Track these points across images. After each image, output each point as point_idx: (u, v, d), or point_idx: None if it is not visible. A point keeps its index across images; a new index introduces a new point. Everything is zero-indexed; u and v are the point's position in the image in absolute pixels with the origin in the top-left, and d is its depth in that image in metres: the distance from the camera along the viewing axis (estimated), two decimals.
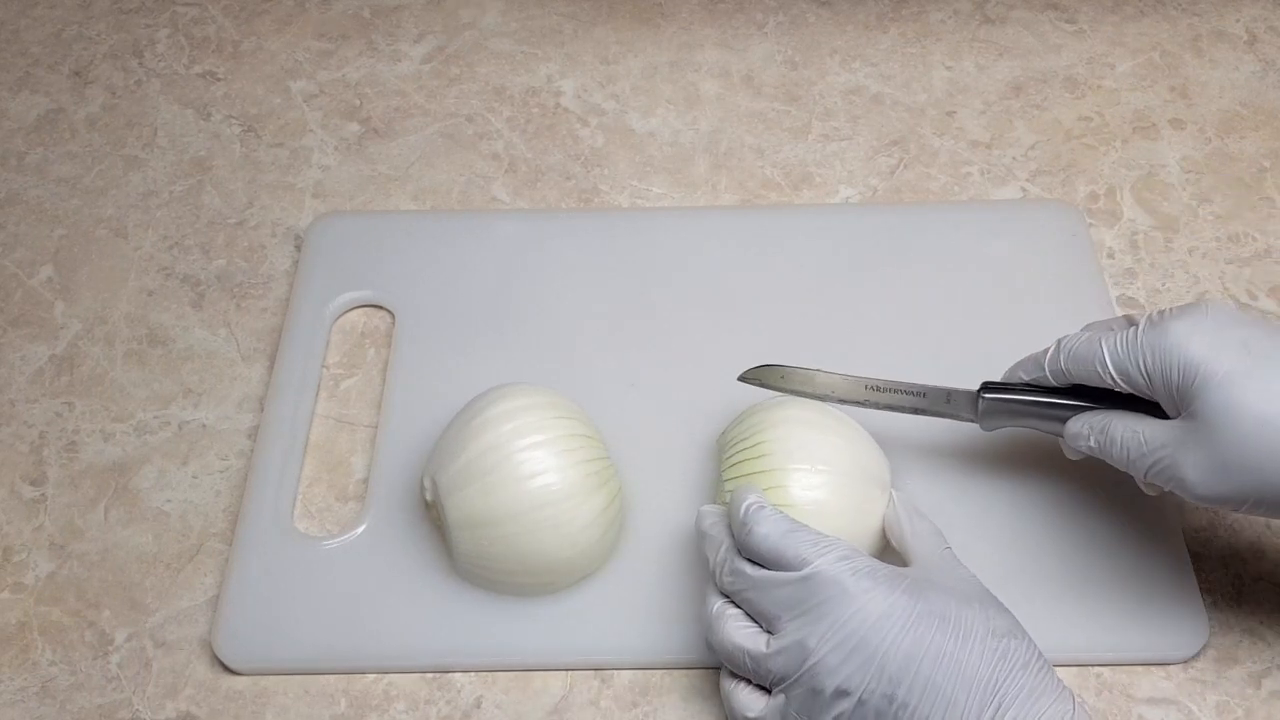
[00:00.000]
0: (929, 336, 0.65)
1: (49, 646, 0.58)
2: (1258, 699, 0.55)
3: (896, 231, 0.71)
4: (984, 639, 0.47)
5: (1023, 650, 0.47)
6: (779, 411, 0.57)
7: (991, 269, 0.69)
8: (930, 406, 0.58)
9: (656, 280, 0.69)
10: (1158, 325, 0.51)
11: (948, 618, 0.47)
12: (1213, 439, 0.48)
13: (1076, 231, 0.70)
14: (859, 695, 0.47)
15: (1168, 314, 0.51)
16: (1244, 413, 0.47)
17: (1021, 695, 0.46)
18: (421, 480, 0.57)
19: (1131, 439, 0.51)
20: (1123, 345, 0.51)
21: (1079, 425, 0.54)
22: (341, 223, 0.72)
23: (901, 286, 0.68)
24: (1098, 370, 0.52)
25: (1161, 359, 0.49)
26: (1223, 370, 0.48)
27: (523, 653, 0.56)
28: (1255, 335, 0.49)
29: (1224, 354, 0.48)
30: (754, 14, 0.85)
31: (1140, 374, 0.50)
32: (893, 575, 0.49)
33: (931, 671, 0.46)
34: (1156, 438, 0.50)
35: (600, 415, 0.60)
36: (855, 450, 0.55)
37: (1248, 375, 0.47)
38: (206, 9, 0.87)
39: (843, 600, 0.48)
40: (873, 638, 0.47)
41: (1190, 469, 0.48)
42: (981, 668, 0.46)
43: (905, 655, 0.46)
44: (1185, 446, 0.49)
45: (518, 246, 0.71)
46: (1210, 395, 0.48)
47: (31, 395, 0.67)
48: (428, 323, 0.68)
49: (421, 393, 0.65)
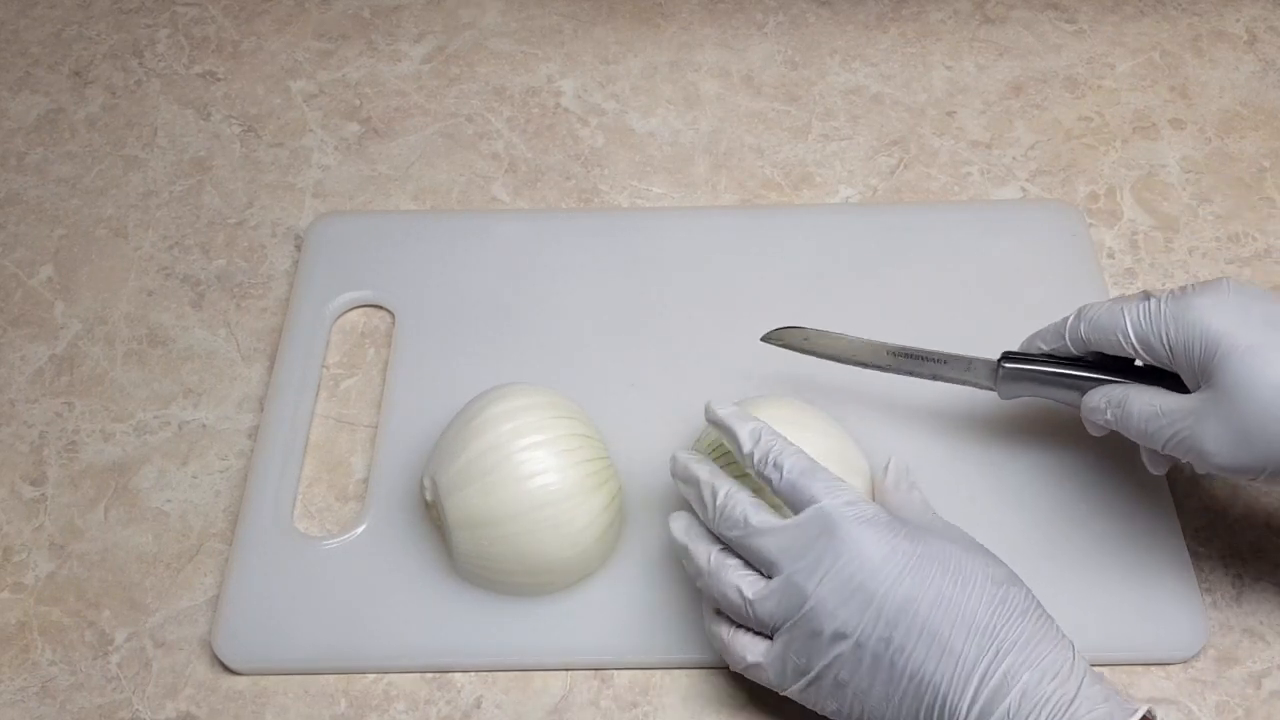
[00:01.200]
0: (928, 336, 0.65)
1: (49, 646, 0.58)
2: (1258, 699, 0.55)
3: (896, 231, 0.71)
4: (983, 585, 0.47)
5: (1021, 598, 0.48)
6: (760, 410, 0.57)
7: (992, 269, 0.69)
8: (949, 374, 0.59)
9: (656, 280, 0.69)
10: (1180, 299, 0.51)
11: (947, 563, 0.48)
12: (1233, 409, 0.49)
13: (1076, 231, 0.70)
14: (856, 638, 0.47)
15: (1190, 289, 0.52)
16: (1265, 383, 0.48)
17: (1020, 641, 0.46)
18: (421, 480, 0.57)
19: (1149, 411, 0.52)
20: (1146, 316, 0.52)
21: (1097, 399, 0.54)
22: (341, 223, 0.72)
23: (901, 286, 0.68)
24: (1119, 340, 0.53)
25: (1185, 331, 0.50)
26: (1245, 343, 0.49)
27: (523, 653, 0.56)
28: (1273, 310, 0.50)
29: (1246, 328, 0.49)
30: (754, 14, 0.85)
31: (1163, 345, 0.51)
32: (894, 520, 0.49)
33: (930, 615, 0.47)
34: (1175, 410, 0.51)
35: (600, 415, 0.60)
36: (834, 447, 0.56)
37: (1270, 348, 0.48)
38: (206, 9, 0.87)
39: (843, 543, 0.48)
40: (871, 581, 0.47)
41: (1210, 440, 0.49)
42: (980, 613, 0.47)
43: (903, 598, 0.47)
44: (1205, 417, 0.50)
45: (518, 246, 0.71)
46: (1232, 367, 0.49)
47: (31, 395, 0.67)
48: (428, 323, 0.68)
49: (421, 393, 0.65)
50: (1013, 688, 0.45)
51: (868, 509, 0.49)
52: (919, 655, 0.47)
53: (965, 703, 0.46)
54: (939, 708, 0.46)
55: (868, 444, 0.59)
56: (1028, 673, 0.45)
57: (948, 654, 0.46)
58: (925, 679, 0.46)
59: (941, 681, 0.46)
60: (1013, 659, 0.46)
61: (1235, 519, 0.60)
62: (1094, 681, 0.46)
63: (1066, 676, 0.46)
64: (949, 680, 0.46)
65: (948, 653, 0.46)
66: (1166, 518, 0.59)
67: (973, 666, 0.46)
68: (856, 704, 0.48)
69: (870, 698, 0.48)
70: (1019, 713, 0.45)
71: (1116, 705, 0.45)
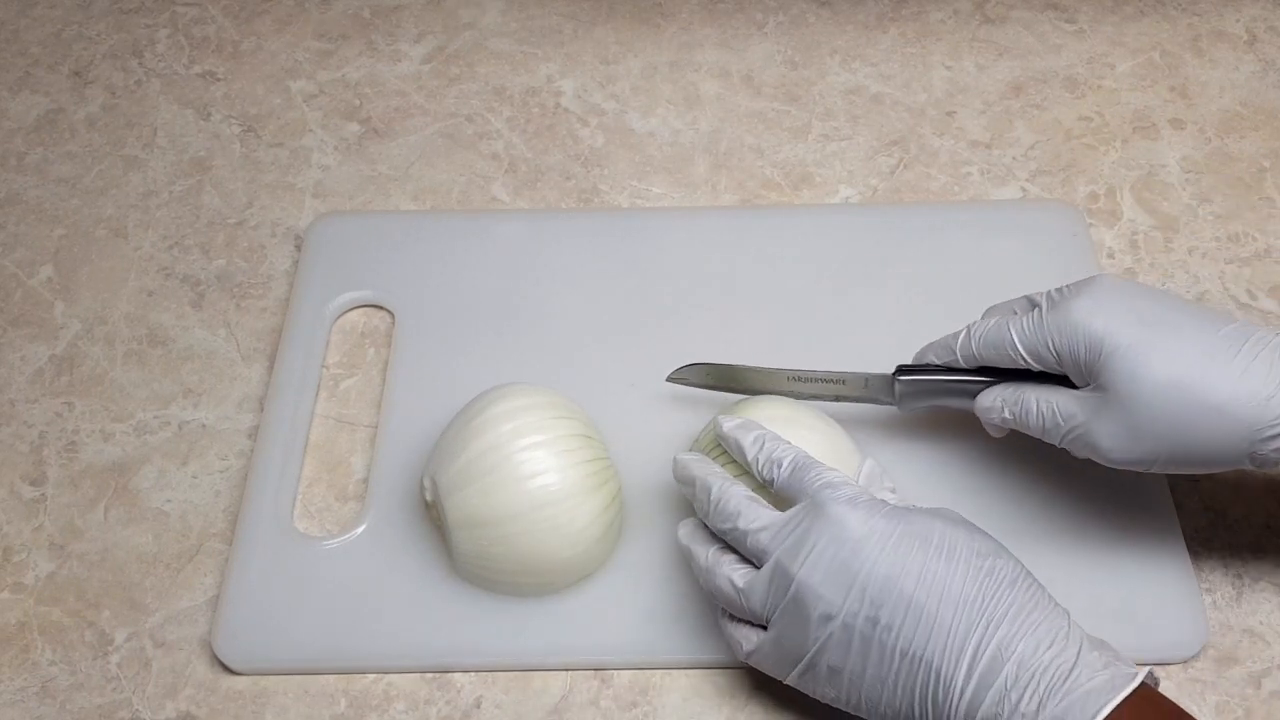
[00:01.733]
0: (928, 336, 0.65)
1: (49, 646, 0.58)
2: (1258, 699, 0.55)
3: (896, 231, 0.71)
4: (968, 558, 0.47)
5: (1009, 568, 0.48)
6: (753, 411, 0.57)
7: (992, 269, 0.69)
8: (850, 393, 0.61)
9: (657, 280, 0.69)
10: (1059, 305, 0.54)
11: (929, 538, 0.48)
12: (1121, 406, 0.51)
13: (1077, 231, 0.70)
14: (842, 618, 0.47)
15: (1066, 292, 0.54)
16: (1145, 380, 0.50)
17: (1012, 611, 0.46)
18: (421, 480, 0.57)
19: (1046, 409, 0.54)
20: (1030, 328, 0.54)
21: (991, 399, 0.56)
22: (341, 223, 0.72)
23: (901, 286, 0.68)
24: (1009, 353, 0.55)
25: (1068, 337, 0.52)
26: (1124, 343, 0.51)
27: (523, 653, 0.56)
28: (1147, 306, 0.52)
29: (1123, 327, 0.51)
30: (754, 14, 0.85)
31: (1050, 353, 0.53)
32: (877, 501, 0.50)
33: (914, 591, 0.47)
34: (1068, 408, 0.53)
35: (600, 415, 0.60)
36: (828, 443, 0.56)
37: (1146, 345, 0.51)
38: (206, 9, 0.87)
39: (826, 524, 0.48)
40: (853, 559, 0.47)
41: (1103, 437, 0.52)
42: (967, 586, 0.47)
43: (885, 576, 0.47)
44: (1097, 415, 0.52)
45: (518, 246, 0.71)
46: (1115, 366, 0.51)
47: (31, 395, 0.67)
48: (428, 323, 0.68)
49: (421, 393, 0.65)
50: (1008, 659, 0.45)
51: (851, 491, 0.50)
52: (907, 633, 0.46)
53: (960, 677, 0.45)
54: (934, 686, 0.46)
55: (863, 442, 0.59)
56: (1021, 643, 0.45)
57: (937, 629, 0.46)
58: (917, 657, 0.46)
59: (933, 658, 0.46)
60: (1005, 630, 0.45)
61: (1235, 519, 0.60)
62: (1093, 648, 0.46)
63: (1064, 645, 0.45)
64: (941, 656, 0.46)
65: (937, 628, 0.46)
66: (1166, 518, 0.59)
67: (964, 640, 0.46)
68: (853, 690, 0.48)
69: (865, 681, 0.48)
70: (1016, 684, 0.45)
71: (1118, 671, 0.45)
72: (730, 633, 0.52)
